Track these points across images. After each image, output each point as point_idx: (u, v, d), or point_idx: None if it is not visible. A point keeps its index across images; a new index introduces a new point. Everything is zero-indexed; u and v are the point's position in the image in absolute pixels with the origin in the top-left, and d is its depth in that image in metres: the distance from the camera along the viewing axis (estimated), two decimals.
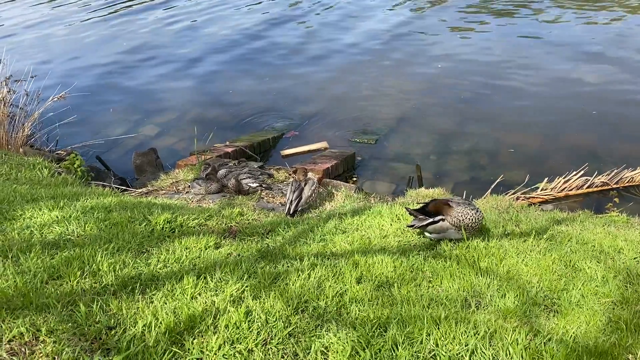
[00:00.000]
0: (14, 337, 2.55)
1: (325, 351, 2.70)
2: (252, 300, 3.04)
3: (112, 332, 2.69)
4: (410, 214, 4.37)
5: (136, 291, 3.08)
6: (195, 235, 4.04)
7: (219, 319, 2.85)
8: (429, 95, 10.46)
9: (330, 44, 13.75)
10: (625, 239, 4.49)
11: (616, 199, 6.96)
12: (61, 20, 18.22)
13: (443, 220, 4.12)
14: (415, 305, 3.18)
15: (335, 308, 3.10)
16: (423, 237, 4.33)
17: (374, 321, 2.92)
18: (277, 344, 2.72)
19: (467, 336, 2.83)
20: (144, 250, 3.73)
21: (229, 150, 7.97)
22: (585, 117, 9.11)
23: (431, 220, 4.12)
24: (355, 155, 8.27)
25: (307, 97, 10.74)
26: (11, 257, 3.37)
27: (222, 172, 6.42)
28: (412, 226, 4.23)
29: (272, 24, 15.65)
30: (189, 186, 6.41)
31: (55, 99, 7.88)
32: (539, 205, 6.65)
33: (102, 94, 11.66)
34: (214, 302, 3.01)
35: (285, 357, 2.66)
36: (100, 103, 11.20)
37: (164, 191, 6.52)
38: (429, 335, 2.82)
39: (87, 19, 18.01)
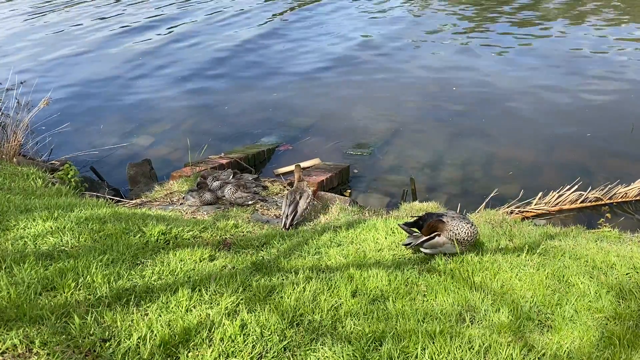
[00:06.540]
0: (7, 349, 2.53)
1: None
2: (247, 313, 3.04)
3: (107, 344, 2.67)
4: (405, 230, 4.39)
5: (131, 303, 3.07)
6: (190, 248, 4.03)
7: (214, 332, 2.84)
8: (423, 109, 10.53)
9: (323, 56, 13.83)
10: (617, 254, 4.53)
11: (608, 215, 7.01)
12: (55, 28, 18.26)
13: (439, 235, 4.14)
14: (410, 320, 3.19)
15: (330, 322, 3.10)
16: (418, 252, 4.34)
17: (369, 335, 2.92)
18: (273, 357, 2.71)
19: (462, 351, 2.84)
20: (139, 262, 3.72)
21: (224, 161, 7.98)
22: (578, 134, 9.20)
23: (427, 237, 4.14)
24: (349, 168, 8.30)
25: (302, 110, 10.77)
26: (5, 268, 3.35)
27: (216, 183, 6.42)
28: (408, 244, 4.23)
29: (264, 38, 15.75)
30: (184, 198, 6.40)
31: (41, 105, 7.80)
32: (532, 219, 6.69)
33: (96, 104, 11.66)
34: (209, 314, 3.00)
35: None
36: (95, 112, 11.19)
37: (158, 202, 6.50)
38: (424, 349, 2.82)
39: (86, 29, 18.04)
